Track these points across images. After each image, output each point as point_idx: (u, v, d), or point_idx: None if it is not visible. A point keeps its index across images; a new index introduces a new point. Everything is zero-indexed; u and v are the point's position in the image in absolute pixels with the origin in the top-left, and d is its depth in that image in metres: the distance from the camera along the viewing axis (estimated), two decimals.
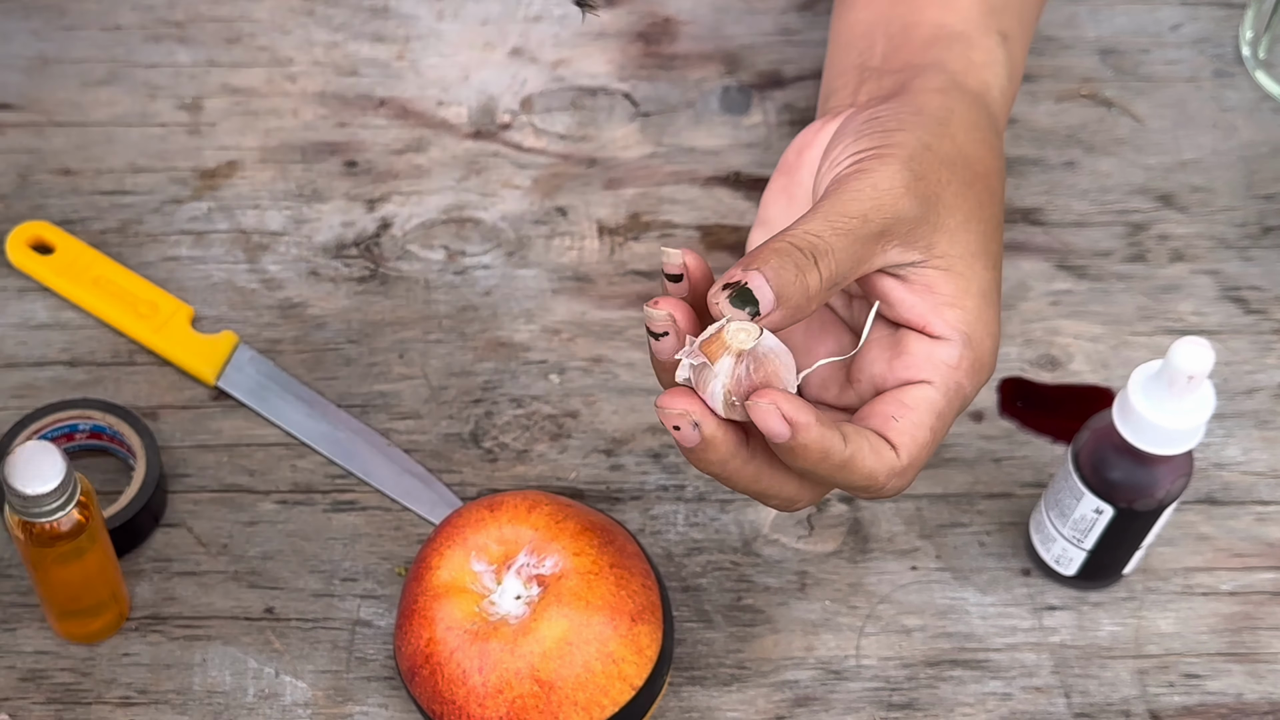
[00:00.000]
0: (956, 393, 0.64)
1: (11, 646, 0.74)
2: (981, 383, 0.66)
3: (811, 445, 0.59)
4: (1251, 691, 0.75)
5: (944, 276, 0.64)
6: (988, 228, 0.66)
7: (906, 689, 0.74)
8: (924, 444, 0.63)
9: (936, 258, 0.64)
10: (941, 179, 0.65)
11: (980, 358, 0.65)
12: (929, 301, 0.64)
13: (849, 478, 0.61)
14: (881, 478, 0.62)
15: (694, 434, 0.60)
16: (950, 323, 0.64)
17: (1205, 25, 0.93)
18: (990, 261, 0.66)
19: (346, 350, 0.82)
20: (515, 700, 0.67)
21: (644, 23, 0.93)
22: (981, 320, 0.65)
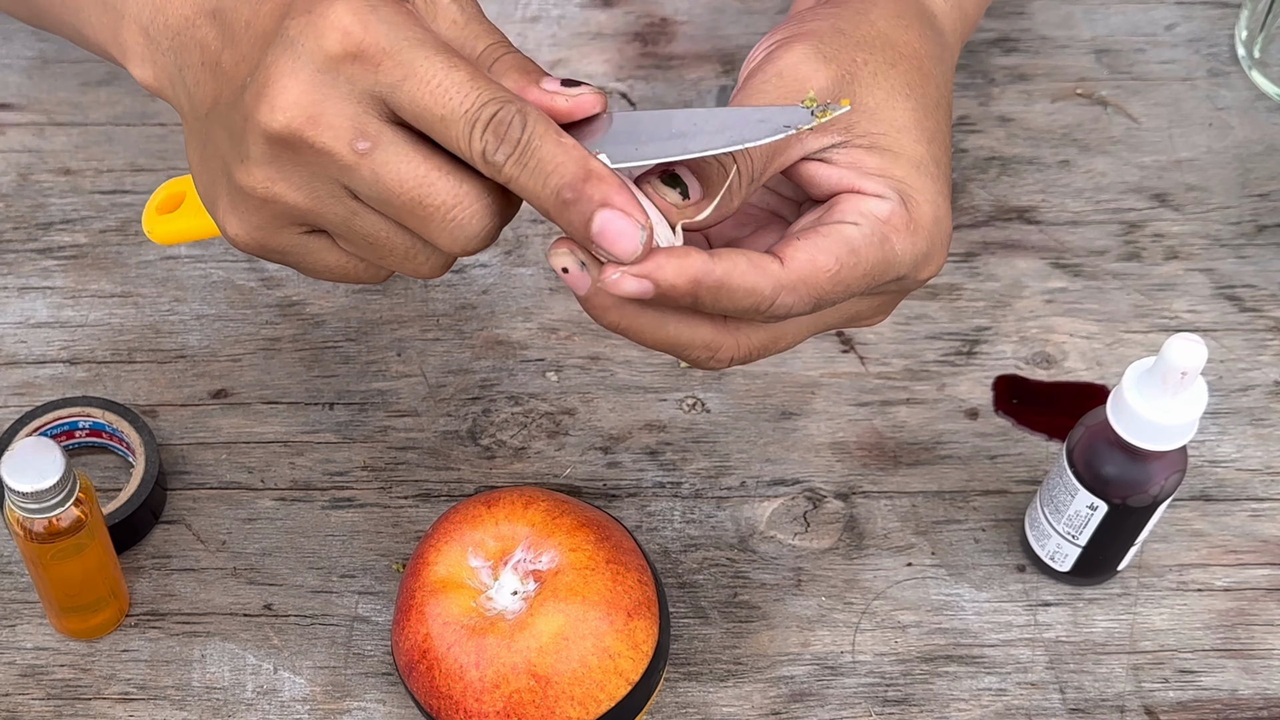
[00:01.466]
0: (880, 242, 0.61)
1: (11, 642, 0.75)
2: (917, 250, 0.62)
3: (676, 281, 0.57)
4: (1245, 687, 0.75)
5: (868, 153, 0.62)
6: (918, 105, 0.64)
7: (902, 684, 0.75)
8: (823, 268, 0.60)
9: (858, 137, 0.62)
10: (856, 60, 0.63)
11: (918, 221, 0.62)
12: (854, 173, 0.62)
13: (731, 298, 0.58)
14: (768, 290, 0.59)
15: (584, 275, 0.58)
16: (880, 185, 0.62)
17: (1200, 25, 0.94)
18: (923, 136, 0.63)
19: (345, 348, 0.82)
20: (512, 695, 0.67)
21: (641, 23, 0.93)
22: (918, 185, 0.62)
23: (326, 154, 0.57)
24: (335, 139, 0.57)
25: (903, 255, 0.62)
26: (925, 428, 0.81)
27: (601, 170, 0.56)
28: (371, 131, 0.57)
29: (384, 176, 0.57)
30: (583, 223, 0.56)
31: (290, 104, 0.57)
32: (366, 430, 0.80)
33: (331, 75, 0.57)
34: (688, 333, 0.61)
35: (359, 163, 0.57)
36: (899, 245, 0.62)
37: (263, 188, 0.59)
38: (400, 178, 0.57)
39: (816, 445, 0.80)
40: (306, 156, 0.58)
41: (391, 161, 0.57)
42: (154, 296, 0.84)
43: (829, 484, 0.79)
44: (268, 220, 0.60)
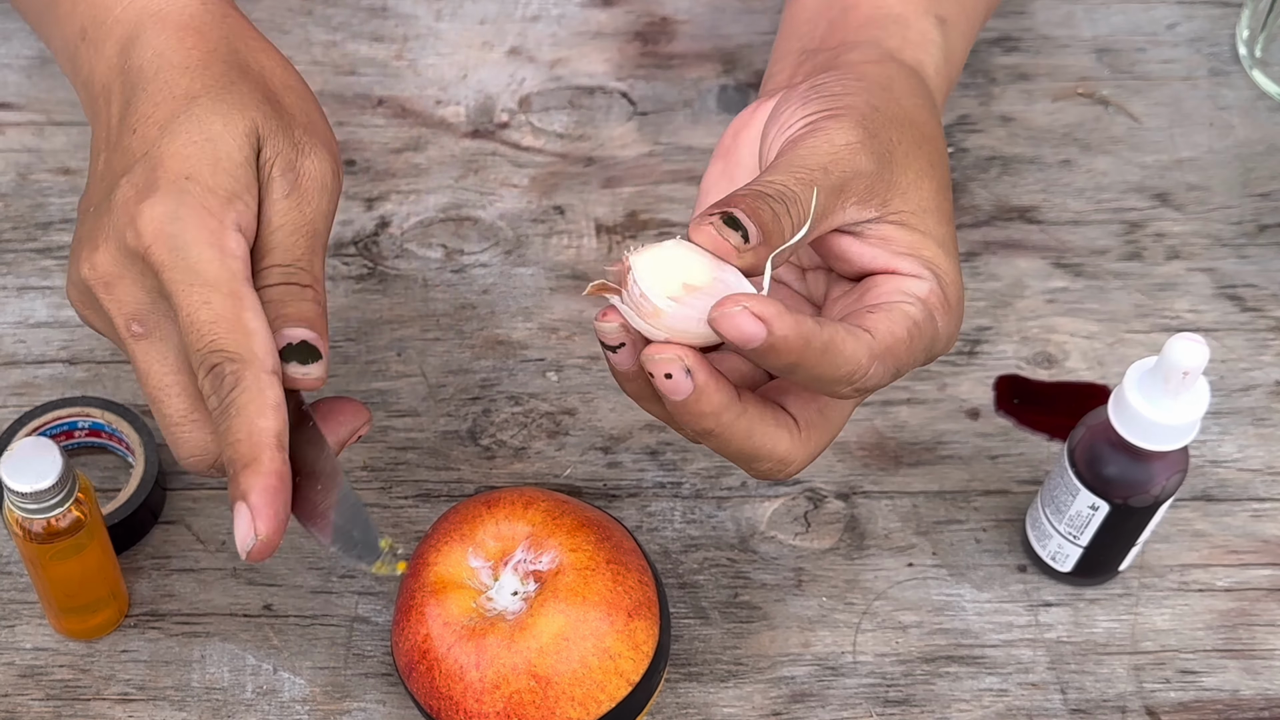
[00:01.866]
0: (930, 319, 0.63)
1: (10, 643, 0.75)
2: (953, 329, 0.64)
3: (790, 335, 0.57)
4: (1247, 688, 0.75)
5: (900, 230, 0.64)
6: (939, 186, 0.66)
7: (903, 685, 0.74)
8: (899, 338, 0.61)
9: (892, 214, 0.64)
10: (893, 138, 0.64)
11: (950, 299, 0.64)
12: (889, 251, 0.63)
13: (833, 364, 0.59)
14: (865, 359, 0.60)
15: (686, 381, 0.59)
16: (916, 265, 0.63)
17: (1201, 24, 0.94)
18: (944, 218, 0.65)
19: (345, 348, 0.82)
20: (512, 696, 0.67)
21: (641, 22, 0.93)
22: (946, 266, 0.64)
23: (109, 320, 0.62)
24: (118, 313, 0.62)
25: (944, 331, 0.64)
26: (926, 428, 0.81)
27: (266, 465, 0.59)
28: (150, 323, 0.62)
29: (139, 365, 0.62)
30: (231, 500, 0.59)
31: (95, 264, 0.62)
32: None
33: (130, 260, 0.61)
34: (769, 444, 0.62)
35: (127, 342, 0.62)
36: (940, 323, 0.64)
37: (78, 303, 0.64)
38: (148, 374, 0.62)
39: None
40: (101, 309, 0.63)
41: (149, 356, 0.62)
42: None
43: (830, 484, 0.79)
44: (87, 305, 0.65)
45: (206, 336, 0.59)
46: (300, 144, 0.63)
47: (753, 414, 0.61)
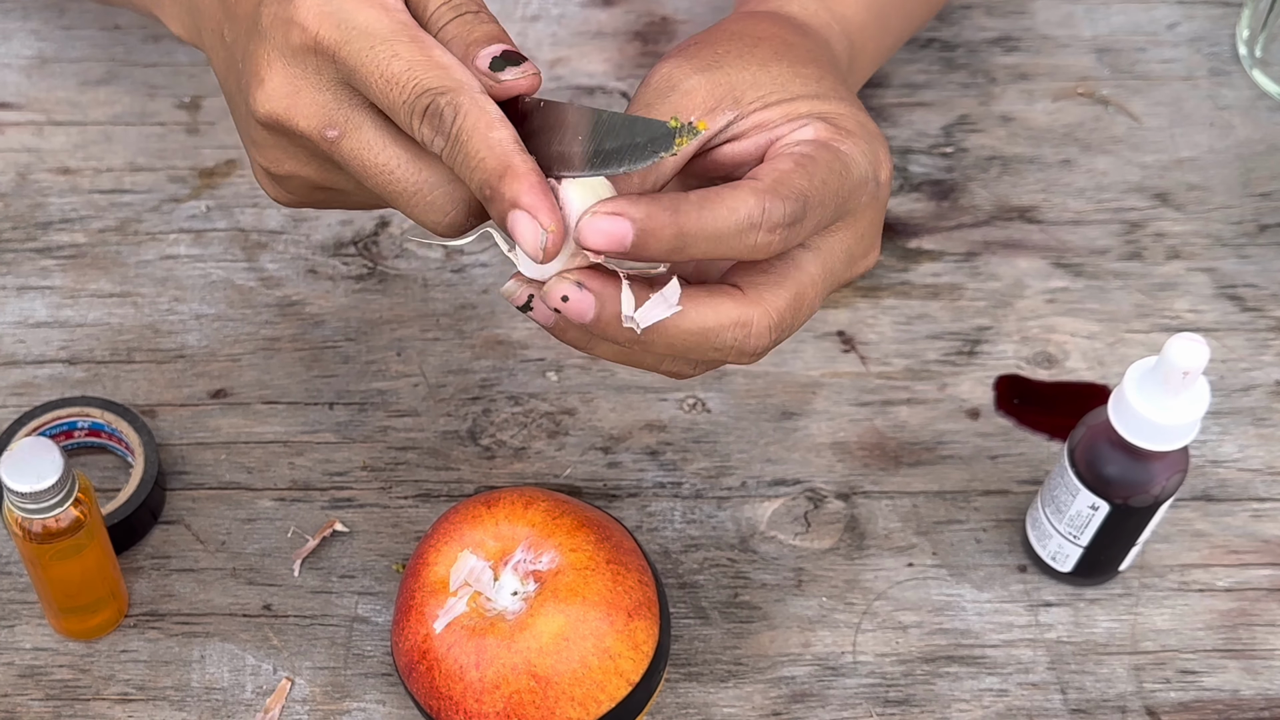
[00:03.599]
0: (823, 147, 0.61)
1: (10, 643, 0.75)
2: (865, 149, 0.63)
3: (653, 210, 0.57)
4: (1247, 688, 0.75)
5: (767, 110, 0.63)
6: (793, 61, 0.65)
7: (903, 685, 0.74)
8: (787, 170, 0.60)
9: (749, 104, 0.63)
10: (717, 52, 0.64)
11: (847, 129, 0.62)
12: (764, 131, 0.63)
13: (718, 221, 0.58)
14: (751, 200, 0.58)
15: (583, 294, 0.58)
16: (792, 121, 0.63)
17: (1201, 24, 0.94)
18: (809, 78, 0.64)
19: (344, 348, 0.82)
20: (512, 695, 0.67)
21: (641, 22, 0.93)
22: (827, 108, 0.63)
23: (307, 136, 0.61)
24: (310, 126, 0.61)
25: (853, 154, 0.62)
26: (926, 428, 0.81)
27: (520, 167, 0.58)
28: (340, 120, 0.61)
29: (352, 162, 0.61)
30: (500, 219, 0.59)
31: (269, 94, 0.61)
32: (366, 430, 0.80)
33: (302, 66, 0.61)
34: (711, 315, 0.60)
35: (331, 149, 0.61)
36: (844, 147, 0.62)
37: (276, 166, 0.64)
38: (364, 164, 0.61)
39: (817, 445, 0.80)
40: (295, 139, 0.62)
41: (358, 149, 0.61)
42: (153, 296, 0.84)
43: (830, 484, 0.79)
44: (294, 188, 0.65)
45: (409, 85, 0.59)
46: None
47: None
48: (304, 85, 0.61)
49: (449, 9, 0.62)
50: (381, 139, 0.61)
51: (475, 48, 0.61)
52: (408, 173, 0.61)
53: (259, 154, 0.64)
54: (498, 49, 0.61)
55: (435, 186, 0.61)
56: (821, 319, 0.84)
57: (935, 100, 0.90)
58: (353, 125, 0.61)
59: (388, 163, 0.61)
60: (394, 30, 0.60)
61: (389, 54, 0.59)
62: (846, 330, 0.83)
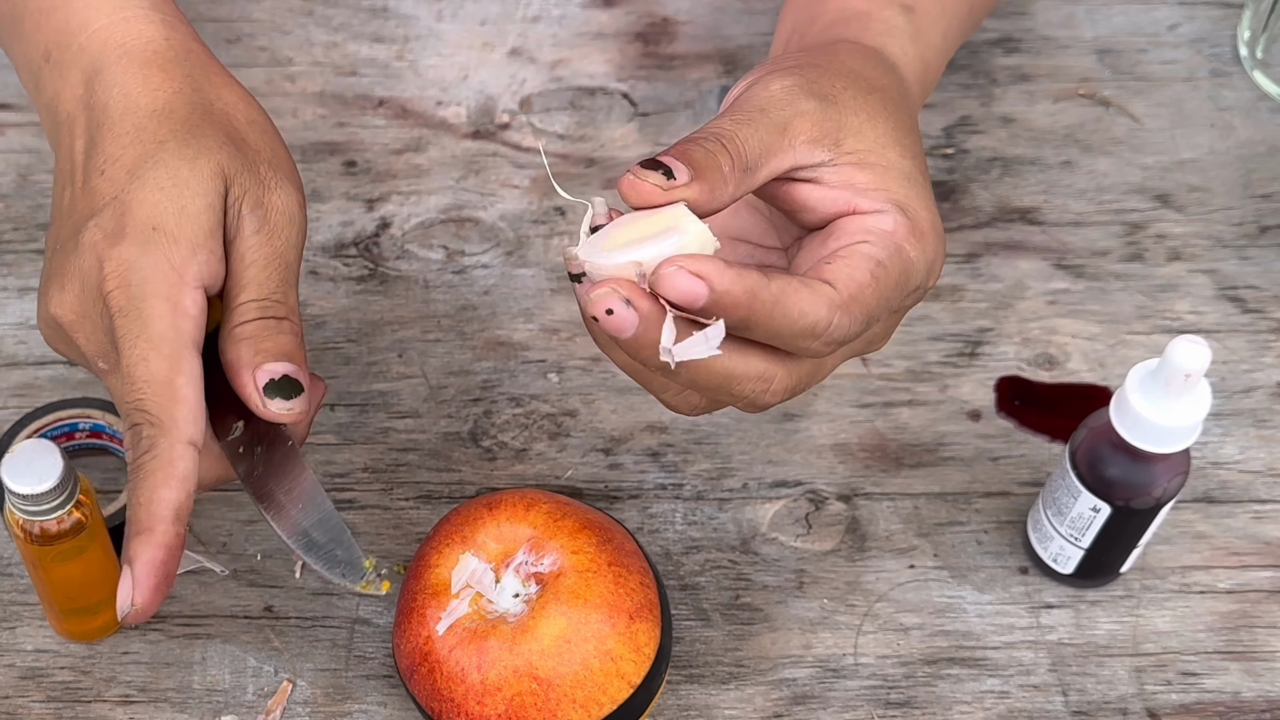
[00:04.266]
0: (897, 253, 0.62)
1: (11, 645, 0.75)
2: (929, 257, 0.64)
3: (732, 289, 0.57)
4: (1249, 690, 0.75)
5: (858, 169, 0.63)
6: (897, 124, 0.65)
7: (904, 687, 0.74)
8: (862, 282, 0.61)
9: (846, 153, 0.63)
10: (836, 85, 0.65)
11: (919, 227, 0.63)
12: (850, 191, 0.63)
13: (786, 319, 0.59)
14: (824, 311, 0.59)
15: (628, 311, 0.58)
16: (878, 199, 0.63)
17: (1202, 25, 0.94)
18: (906, 152, 0.65)
19: (346, 349, 0.82)
20: (514, 698, 0.67)
21: (642, 23, 0.93)
22: (912, 196, 0.63)
23: (81, 354, 0.64)
24: (88, 349, 0.64)
25: (918, 261, 0.63)
26: (927, 429, 0.81)
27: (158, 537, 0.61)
28: (112, 360, 0.63)
29: (116, 394, 0.63)
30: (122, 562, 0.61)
31: (63, 304, 0.64)
32: (367, 432, 0.80)
33: (92, 303, 0.63)
34: (741, 365, 0.60)
35: (101, 375, 0.64)
36: (913, 253, 0.63)
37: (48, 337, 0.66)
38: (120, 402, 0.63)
39: (818, 447, 0.80)
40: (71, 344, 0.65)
41: (119, 390, 0.63)
42: None
43: (831, 486, 0.79)
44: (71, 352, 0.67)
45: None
46: (266, 180, 0.64)
47: None
48: (91, 316, 0.63)
49: (255, 307, 0.63)
50: None
51: (262, 358, 0.62)
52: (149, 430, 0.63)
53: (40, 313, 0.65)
54: (280, 370, 0.62)
55: None
56: None
57: (936, 101, 0.90)
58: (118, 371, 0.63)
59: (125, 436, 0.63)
60: (164, 336, 0.61)
61: (140, 355, 0.61)
62: None
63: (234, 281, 0.63)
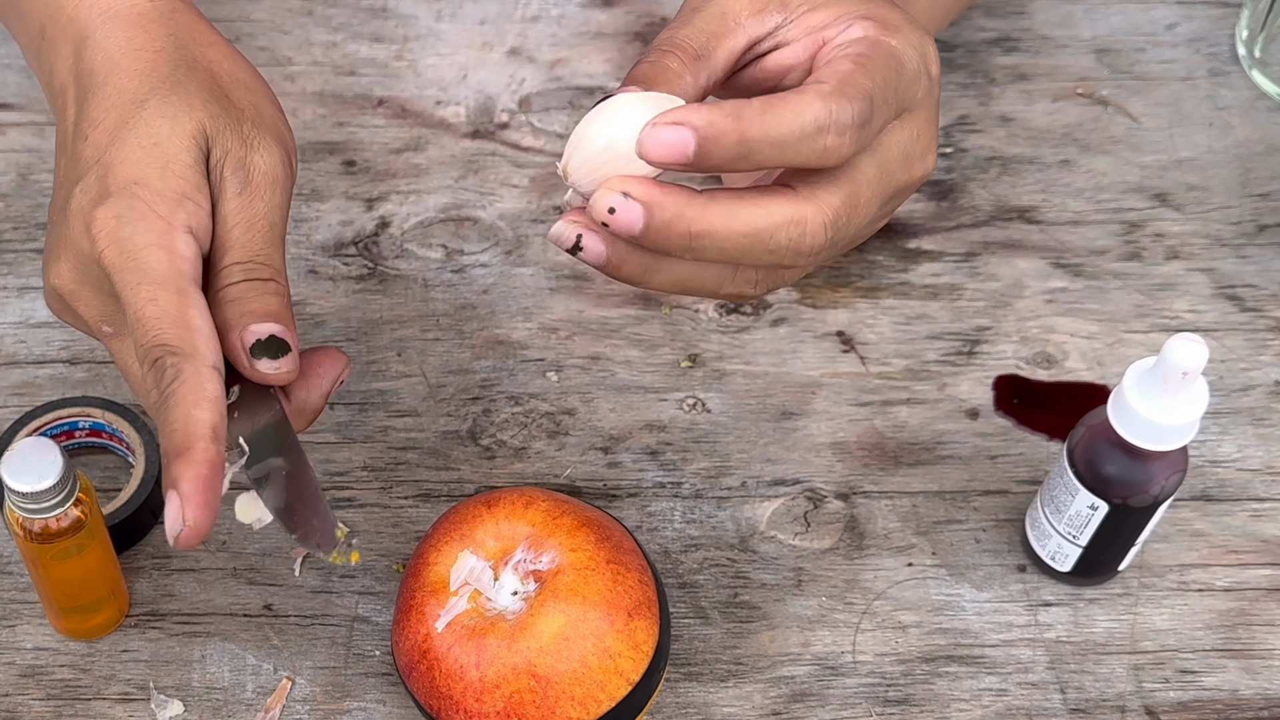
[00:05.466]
0: (875, 44, 0.60)
1: (11, 643, 0.75)
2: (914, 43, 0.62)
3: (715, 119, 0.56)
4: (1246, 687, 0.75)
5: (813, 12, 0.62)
6: None
7: (902, 685, 0.75)
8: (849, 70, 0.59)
9: (796, 8, 0.62)
10: None
11: (890, 22, 0.61)
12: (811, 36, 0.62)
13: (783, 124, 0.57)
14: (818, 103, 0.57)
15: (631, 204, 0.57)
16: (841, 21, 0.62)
17: (1201, 24, 0.94)
18: None
19: (345, 348, 0.82)
20: (512, 695, 0.67)
21: (641, 22, 0.93)
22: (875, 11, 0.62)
23: (85, 322, 0.64)
24: (89, 316, 0.64)
25: (904, 48, 0.61)
26: (926, 428, 0.81)
27: (199, 454, 0.59)
28: (117, 323, 0.63)
29: (117, 361, 0.64)
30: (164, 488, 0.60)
31: (61, 274, 0.63)
32: (366, 430, 0.80)
33: (86, 270, 0.63)
34: (764, 215, 0.58)
35: (105, 341, 0.64)
36: (895, 42, 0.61)
37: (54, 308, 0.66)
38: (126, 369, 0.63)
39: (817, 445, 0.80)
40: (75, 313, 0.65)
41: (124, 353, 0.63)
42: None
43: (829, 484, 0.79)
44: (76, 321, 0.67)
45: (151, 332, 0.60)
46: (249, 139, 0.64)
47: (724, 197, 0.58)
48: (88, 283, 0.63)
49: (241, 270, 0.63)
50: None
51: (248, 319, 0.62)
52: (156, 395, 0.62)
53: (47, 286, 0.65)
54: (267, 330, 0.61)
55: None
56: (821, 319, 0.84)
57: None
58: (124, 332, 0.63)
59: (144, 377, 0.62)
60: (165, 275, 0.61)
61: (148, 297, 0.60)
62: (846, 330, 0.83)
63: (218, 244, 0.63)
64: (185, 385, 0.59)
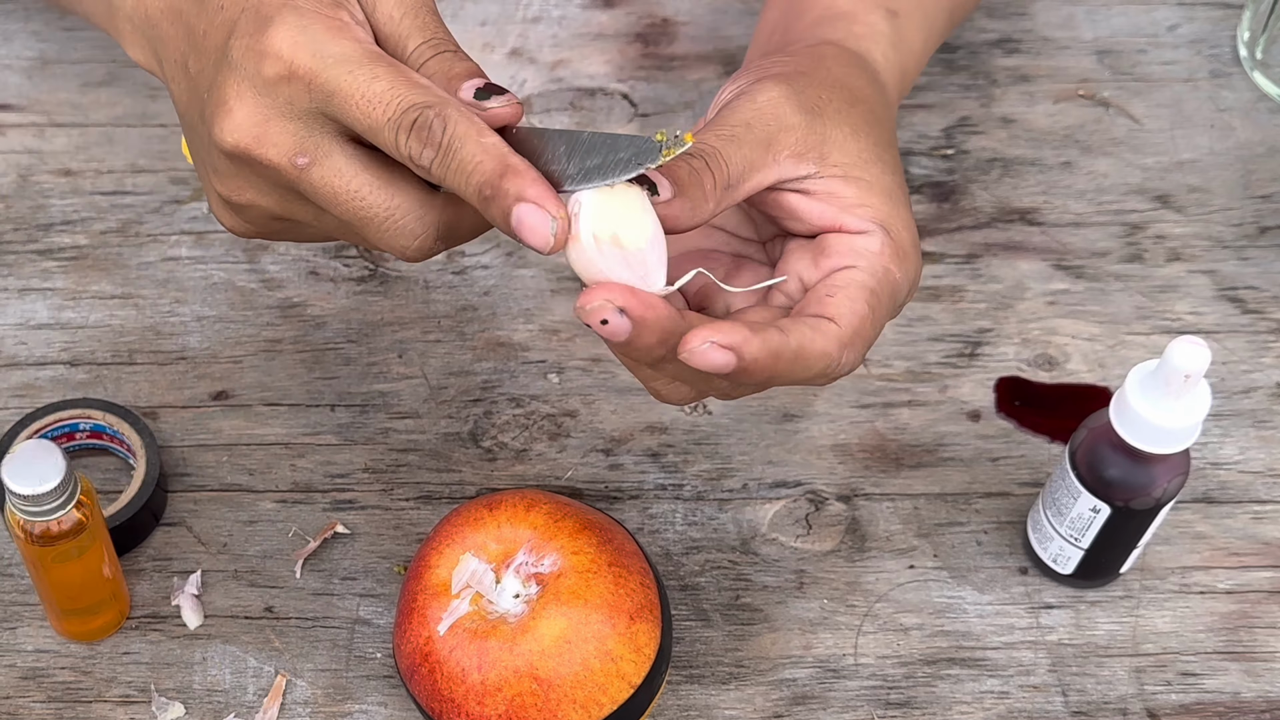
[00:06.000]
0: (885, 276, 0.64)
1: (12, 645, 0.75)
2: (911, 275, 0.66)
3: (761, 358, 0.60)
4: (1248, 690, 0.75)
5: (843, 183, 0.65)
6: (879, 139, 0.67)
7: (904, 687, 0.75)
8: (862, 315, 0.63)
9: (831, 166, 0.65)
10: (822, 97, 0.66)
11: (902, 247, 0.65)
12: (836, 205, 0.65)
13: (806, 365, 0.62)
14: (835, 351, 0.62)
15: (622, 321, 0.59)
16: (864, 217, 0.65)
17: (1202, 26, 0.94)
18: (887, 168, 0.66)
19: (346, 350, 0.82)
20: (514, 698, 0.67)
21: (642, 23, 0.93)
22: (894, 215, 0.66)
23: (274, 168, 0.61)
24: (279, 155, 0.61)
25: (902, 281, 0.65)
26: (927, 430, 0.81)
27: (519, 165, 0.58)
28: (310, 147, 0.61)
29: (321, 189, 0.61)
30: (503, 218, 0.58)
31: (237, 125, 0.61)
32: (368, 432, 0.80)
33: (272, 96, 0.61)
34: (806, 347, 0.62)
35: (300, 176, 0.61)
36: (898, 274, 0.65)
37: (236, 195, 0.64)
38: (334, 190, 0.61)
39: (818, 447, 0.80)
40: (260, 169, 0.62)
41: (328, 175, 0.61)
42: (154, 298, 0.84)
43: (831, 486, 0.79)
44: (252, 218, 0.65)
45: (393, 102, 0.59)
46: None
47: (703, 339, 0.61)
48: (274, 115, 0.61)
49: (428, 46, 0.63)
50: (352, 166, 0.61)
51: (457, 81, 0.61)
52: (379, 198, 0.61)
53: (219, 183, 0.64)
54: (479, 82, 0.61)
55: (407, 211, 0.61)
56: None
57: (936, 102, 0.91)
58: (323, 153, 0.61)
59: (360, 189, 0.61)
60: (369, 56, 0.60)
61: (369, 76, 0.59)
62: None
63: (392, 37, 0.62)
64: (461, 124, 0.59)
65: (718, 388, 0.64)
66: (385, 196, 0.61)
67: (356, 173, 0.61)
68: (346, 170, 0.61)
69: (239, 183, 0.63)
